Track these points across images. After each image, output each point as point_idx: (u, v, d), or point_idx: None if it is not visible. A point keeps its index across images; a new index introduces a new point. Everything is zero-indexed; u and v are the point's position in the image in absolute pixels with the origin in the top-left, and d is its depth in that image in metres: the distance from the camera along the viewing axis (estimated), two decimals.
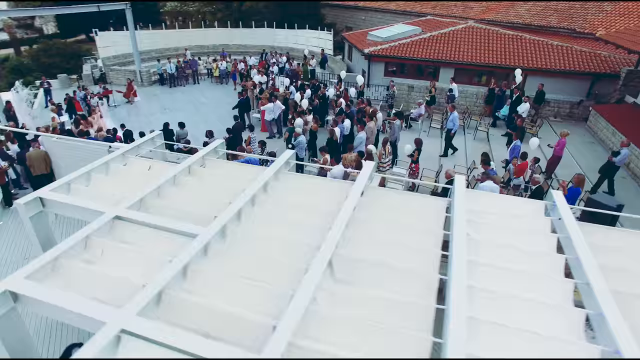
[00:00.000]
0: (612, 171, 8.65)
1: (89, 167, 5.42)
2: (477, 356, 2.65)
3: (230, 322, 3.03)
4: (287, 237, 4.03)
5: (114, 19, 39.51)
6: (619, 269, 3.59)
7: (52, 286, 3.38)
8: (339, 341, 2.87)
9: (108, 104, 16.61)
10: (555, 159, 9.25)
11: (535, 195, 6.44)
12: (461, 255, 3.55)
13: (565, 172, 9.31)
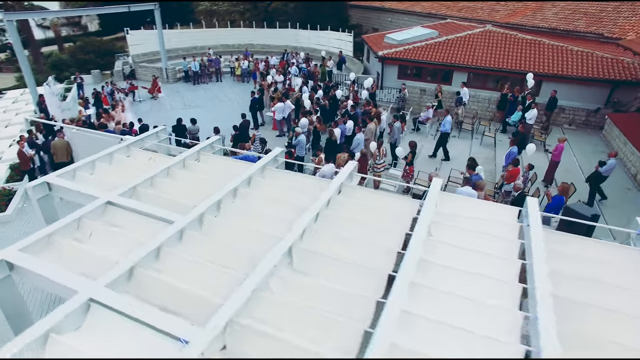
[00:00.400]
0: (599, 181, 8.62)
1: (94, 157, 5.93)
2: (402, 346, 2.84)
3: (187, 299, 3.36)
4: (258, 229, 4.32)
5: (150, 18, 41.40)
6: (573, 276, 3.65)
7: (43, 259, 3.83)
8: (281, 324, 3.13)
9: (133, 99, 17.53)
10: (553, 164, 9.10)
11: (518, 201, 6.42)
12: (414, 254, 3.73)
13: (567, 180, 9.15)
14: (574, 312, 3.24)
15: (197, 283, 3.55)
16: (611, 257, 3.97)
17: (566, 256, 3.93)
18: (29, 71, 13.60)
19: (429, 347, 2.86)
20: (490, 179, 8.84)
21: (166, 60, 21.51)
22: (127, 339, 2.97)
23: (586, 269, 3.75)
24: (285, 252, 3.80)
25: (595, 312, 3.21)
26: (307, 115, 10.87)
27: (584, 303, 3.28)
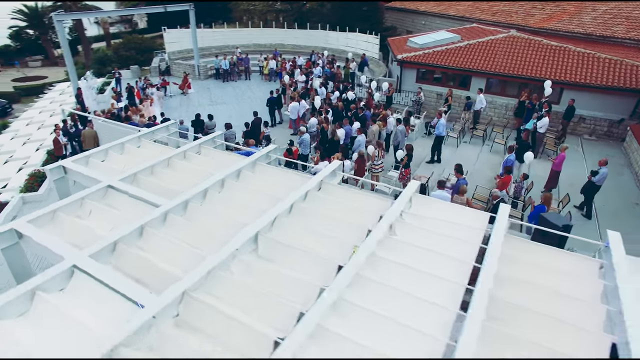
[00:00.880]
0: (593, 190, 8.57)
1: (107, 146, 6.59)
2: (328, 328, 3.11)
3: (158, 274, 3.81)
4: (236, 217, 4.71)
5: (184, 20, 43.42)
6: (523, 281, 3.75)
7: (46, 231, 4.42)
8: (231, 301, 3.49)
9: (165, 94, 18.58)
10: (554, 173, 8.89)
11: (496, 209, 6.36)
12: (367, 249, 3.98)
13: (573, 190, 8.93)
14: (509, 313, 3.37)
15: (170, 260, 3.99)
16: (570, 267, 4.02)
17: (524, 263, 4.02)
18: (72, 66, 14.91)
19: (354, 332, 3.11)
20: (493, 186, 8.78)
21: (199, 57, 22.55)
22: (99, 300, 3.45)
23: (538, 275, 3.84)
24: (251, 238, 4.16)
25: (530, 315, 3.33)
26: (316, 115, 11.21)
27: (522, 306, 3.40)
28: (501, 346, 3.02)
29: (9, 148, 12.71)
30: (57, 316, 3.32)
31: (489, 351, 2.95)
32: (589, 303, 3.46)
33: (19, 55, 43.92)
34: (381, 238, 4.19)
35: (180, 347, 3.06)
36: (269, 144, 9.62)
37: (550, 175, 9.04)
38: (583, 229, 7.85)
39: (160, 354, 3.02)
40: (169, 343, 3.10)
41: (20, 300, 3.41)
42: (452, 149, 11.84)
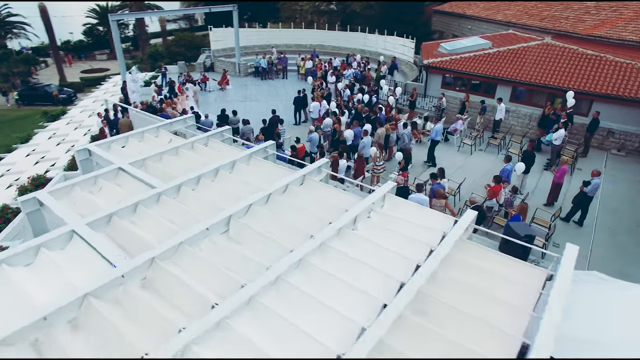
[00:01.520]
0: (585, 201, 8.56)
1: (129, 134, 7.46)
2: (261, 302, 3.54)
3: (138, 243, 4.45)
4: (219, 203, 5.27)
5: (248, 14, 45.63)
6: (459, 282, 3.93)
7: (60, 202, 5.24)
8: (192, 273, 4.03)
9: (204, 89, 19.85)
10: (555, 186, 8.61)
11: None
12: (320, 238, 4.35)
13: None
14: (433, 309, 3.61)
15: (152, 233, 4.63)
16: (515, 275, 4.11)
17: (469, 267, 4.18)
18: (122, 60, 16.48)
19: (285, 310, 3.51)
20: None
21: (239, 56, 23.75)
22: (86, 260, 4.14)
23: (479, 279, 4.00)
24: (223, 220, 4.70)
25: (453, 313, 3.52)
26: (331, 115, 11.59)
27: (448, 304, 3.60)
28: (411, 336, 3.28)
29: (63, 132, 14.39)
30: (53, 269, 4.05)
31: (397, 339, 3.22)
32: (517, 308, 3.60)
33: (90, 50, 48.30)
34: (339, 230, 4.55)
35: (142, 305, 3.64)
36: (278, 140, 10.18)
37: (551, 188, 8.82)
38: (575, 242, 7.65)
39: (123, 307, 3.63)
40: (133, 300, 3.70)
41: (28, 253, 4.19)
42: (466, 156, 11.72)
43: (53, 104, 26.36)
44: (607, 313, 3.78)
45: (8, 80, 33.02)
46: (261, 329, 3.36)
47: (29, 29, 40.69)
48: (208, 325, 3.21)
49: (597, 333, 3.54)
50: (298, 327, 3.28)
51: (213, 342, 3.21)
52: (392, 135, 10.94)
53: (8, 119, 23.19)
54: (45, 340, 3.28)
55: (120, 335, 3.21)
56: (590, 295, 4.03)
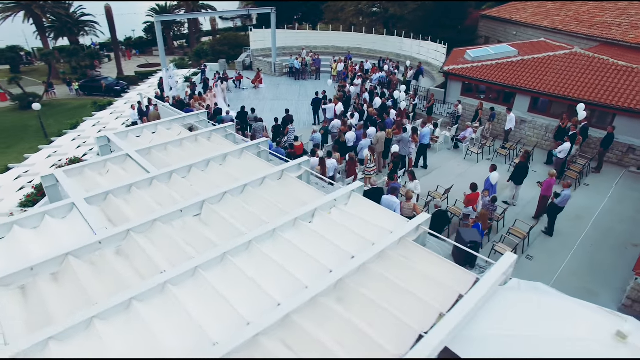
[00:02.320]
0: (555, 212, 8.60)
1: (144, 126, 8.40)
2: (202, 273, 4.12)
3: (124, 218, 5.22)
4: (200, 190, 5.95)
5: (300, 15, 47.07)
6: (384, 277, 4.20)
7: (72, 179, 6.18)
8: (159, 245, 4.71)
9: (238, 87, 20.96)
10: (542, 199, 8.41)
11: (435, 217, 6.45)
12: (274, 226, 4.86)
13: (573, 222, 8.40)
14: (349, 296, 3.96)
15: (138, 212, 5.39)
16: (443, 277, 4.30)
17: (399, 264, 4.43)
18: (163, 57, 18.00)
19: (220, 282, 4.06)
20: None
21: (276, 56, 24.70)
22: (78, 227, 4.97)
23: (404, 276, 4.24)
24: (197, 204, 5.36)
25: (367, 302, 3.86)
26: (341, 117, 11.97)
27: (364, 294, 3.93)
28: (317, 316, 3.68)
29: (106, 121, 16.01)
30: (51, 232, 4.91)
31: (303, 316, 3.64)
32: (429, 305, 3.88)
33: (149, 46, 52.00)
34: (295, 220, 5.03)
35: (109, 267, 4.37)
36: (282, 137, 10.76)
37: (539, 201, 8.67)
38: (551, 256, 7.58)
39: (95, 267, 4.38)
40: (105, 263, 4.43)
41: (35, 218, 5.09)
42: (471, 164, 11.62)
43: (107, 94, 28.92)
44: (526, 317, 3.93)
45: (76, 72, 36.64)
46: (199, 296, 3.94)
47: (98, 27, 44.64)
48: (152, 285, 3.85)
49: (508, 331, 3.73)
50: (226, 299, 3.82)
51: (155, 301, 3.85)
52: (397, 137, 11.06)
53: (68, 107, 25.95)
54: (30, 286, 4.09)
55: (84, 289, 3.93)
56: (520, 302, 4.17)
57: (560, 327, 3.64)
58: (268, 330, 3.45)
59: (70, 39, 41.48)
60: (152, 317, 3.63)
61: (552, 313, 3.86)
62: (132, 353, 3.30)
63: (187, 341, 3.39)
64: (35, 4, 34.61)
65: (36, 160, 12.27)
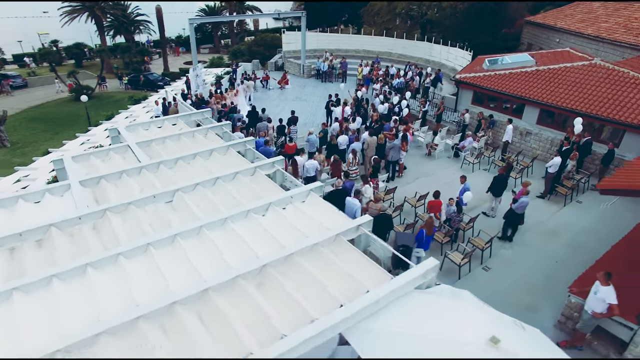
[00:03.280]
0: (513, 218, 8.86)
1: (151, 121, 9.36)
2: (151, 250, 4.81)
3: (109, 199, 6.07)
4: (180, 181, 6.68)
5: (346, 17, 47.95)
6: (305, 269, 4.62)
7: (78, 165, 7.17)
8: (128, 222, 5.48)
9: (265, 87, 21.91)
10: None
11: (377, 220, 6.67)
12: (226, 216, 5.46)
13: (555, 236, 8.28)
14: (269, 282, 4.45)
15: (120, 194, 6.22)
16: (362, 274, 4.61)
17: (327, 260, 4.77)
18: (195, 57, 19.33)
19: (163, 259, 4.73)
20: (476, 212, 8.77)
21: (305, 58, 25.44)
22: (69, 204, 5.88)
23: (326, 270, 4.57)
24: (170, 192, 6.09)
25: (280, 289, 4.32)
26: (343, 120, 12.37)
27: (281, 282, 4.41)
28: (233, 295, 4.21)
29: (137, 114, 17.53)
30: (48, 207, 5.85)
31: (219, 294, 4.18)
32: (334, 297, 4.27)
33: (197, 44, 55.01)
34: (247, 212, 5.61)
35: (81, 238, 5.19)
36: (280, 137, 11.35)
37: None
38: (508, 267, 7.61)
39: (71, 237, 5.22)
40: (79, 235, 5.26)
41: (38, 194, 6.07)
42: (466, 172, 11.53)
43: (152, 89, 31.14)
44: (425, 318, 4.24)
45: (128, 67, 39.75)
46: (145, 269, 4.63)
47: (151, 26, 47.96)
48: (106, 255, 4.59)
49: (402, 328, 4.07)
50: (162, 273, 4.47)
51: (108, 268, 4.58)
52: (390, 144, 11.28)
53: (115, 99, 28.36)
54: (18, 249, 4.98)
55: (58, 255, 4.76)
56: (427, 304, 4.46)
57: (448, 330, 3.93)
58: (186, 301, 4.05)
59: (126, 36, 44.97)
60: (100, 281, 4.35)
61: (449, 316, 4.15)
62: (79, 307, 4.03)
63: (117, 303, 4.08)
64: (97, 5, 37.92)
65: (71, 146, 13.84)
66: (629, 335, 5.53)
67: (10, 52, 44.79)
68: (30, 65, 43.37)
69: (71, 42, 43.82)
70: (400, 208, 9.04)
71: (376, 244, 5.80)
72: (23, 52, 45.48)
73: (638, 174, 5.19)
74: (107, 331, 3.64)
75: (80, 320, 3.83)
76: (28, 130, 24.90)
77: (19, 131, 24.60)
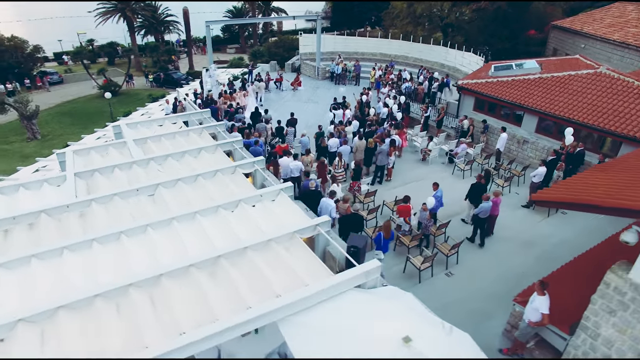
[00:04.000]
0: (477, 222, 9.01)
1: (154, 119, 10.02)
2: (123, 238, 5.35)
3: (101, 192, 6.69)
4: (164, 175, 7.24)
5: (373, 19, 48.24)
6: (253, 262, 5.04)
7: (79, 158, 7.88)
8: (111, 212, 6.06)
9: (279, 88, 22.49)
10: (489, 218, 8.50)
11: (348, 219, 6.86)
12: (196, 209, 5.94)
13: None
14: (218, 272, 4.86)
15: (110, 187, 6.83)
16: (304, 271, 4.96)
17: (277, 255, 5.09)
18: (211, 58, 20.13)
19: (135, 245, 5.26)
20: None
21: (320, 60, 25.86)
22: (65, 193, 6.53)
23: (273, 265, 4.92)
24: (152, 186, 6.65)
25: (224, 277, 4.73)
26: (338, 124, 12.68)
27: (227, 272, 4.86)
28: (181, 283, 4.65)
29: (152, 111, 18.48)
30: (45, 195, 6.54)
31: (168, 280, 4.63)
32: (273, 290, 4.62)
33: (224, 43, 56.60)
34: (216, 208, 6.06)
35: (68, 224, 5.80)
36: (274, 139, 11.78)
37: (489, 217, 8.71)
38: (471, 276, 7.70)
39: (59, 223, 5.84)
40: (66, 222, 5.87)
41: (37, 184, 6.77)
42: (454, 179, 11.55)
43: (175, 87, 32.40)
44: (355, 315, 4.49)
45: (156, 66, 41.49)
46: (114, 254, 5.16)
47: (179, 26, 49.77)
48: (81, 240, 5.16)
49: (330, 323, 4.38)
50: (127, 260, 4.99)
51: (82, 251, 5.14)
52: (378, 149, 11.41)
53: (140, 97, 29.78)
54: (11, 231, 5.65)
55: (44, 237, 5.39)
56: (362, 302, 4.73)
57: (369, 327, 4.18)
58: (141, 284, 4.54)
59: (156, 36, 46.87)
60: (73, 263, 4.91)
61: (376, 315, 4.41)
62: (50, 284, 4.59)
63: (82, 282, 4.62)
64: (128, 6, 39.84)
65: (88, 140, 14.85)
66: (563, 345, 5.62)
67: (52, 50, 47.72)
68: (68, 63, 46.04)
69: (105, 42, 46.24)
70: (376, 210, 9.28)
71: (333, 244, 6.14)
72: (62, 50, 48.30)
73: (576, 186, 5.22)
74: (67, 305, 4.16)
75: (47, 294, 4.39)
76: (58, 124, 26.63)
77: (50, 124, 26.37)
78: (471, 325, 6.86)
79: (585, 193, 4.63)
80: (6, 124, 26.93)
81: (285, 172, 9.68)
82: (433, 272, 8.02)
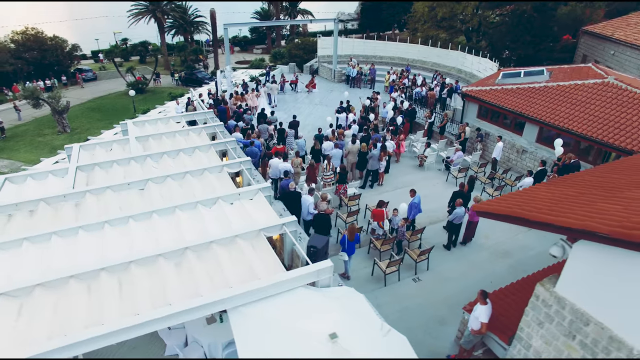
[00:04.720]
0: (451, 228, 9.18)
1: (160, 117, 10.69)
2: (107, 228, 5.91)
3: (96, 182, 7.34)
4: (156, 172, 7.81)
5: (402, 21, 48.22)
6: (220, 256, 5.52)
7: (86, 153, 8.59)
8: (104, 202, 6.67)
9: (294, 90, 22.99)
10: (469, 224, 9.01)
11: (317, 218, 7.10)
12: (176, 204, 6.45)
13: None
14: (183, 262, 5.32)
15: (110, 181, 7.45)
16: (260, 267, 5.37)
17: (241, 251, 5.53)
18: (228, 59, 20.90)
19: (110, 232, 5.82)
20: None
21: (336, 63, 26.16)
22: (66, 184, 7.21)
23: (233, 259, 5.39)
24: (143, 182, 7.22)
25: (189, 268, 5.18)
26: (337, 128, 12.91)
27: (193, 263, 5.32)
28: (149, 272, 5.15)
29: (169, 109, 19.35)
30: (49, 186, 7.24)
31: (138, 268, 5.14)
32: (227, 281, 5.03)
33: (252, 44, 57.96)
34: (195, 204, 6.54)
35: (63, 213, 6.43)
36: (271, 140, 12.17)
37: (466, 226, 8.75)
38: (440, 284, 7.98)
39: (55, 211, 6.49)
40: (62, 210, 6.52)
41: (43, 175, 7.49)
42: (447, 186, 11.52)
43: (199, 86, 33.59)
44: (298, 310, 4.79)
45: (183, 65, 43.09)
46: (96, 242, 5.73)
47: (207, 27, 51.39)
48: (68, 227, 5.75)
49: (273, 315, 4.70)
50: (103, 245, 5.54)
51: (68, 238, 5.74)
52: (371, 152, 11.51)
53: (165, 94, 31.02)
54: (14, 216, 6.35)
55: (40, 222, 6.03)
56: (308, 299, 5.02)
57: (305, 322, 4.49)
58: (112, 269, 5.06)
59: (185, 36, 48.63)
60: (58, 247, 5.50)
61: (316, 311, 4.71)
62: (34, 264, 5.19)
63: (62, 263, 5.19)
64: (158, 8, 41.60)
65: (106, 136, 15.83)
66: (504, 354, 5.71)
67: (90, 48, 50.45)
68: (103, 61, 48.50)
69: (138, 41, 48.43)
70: (357, 214, 9.51)
71: (296, 244, 6.48)
72: (99, 48, 50.94)
73: (517, 199, 5.21)
74: (43, 284, 4.72)
75: (31, 272, 4.98)
76: (87, 118, 28.25)
77: (80, 119, 28.02)
78: (425, 330, 7.04)
79: (520, 206, 4.68)
80: (42, 117, 28.83)
81: (275, 172, 10.11)
82: (400, 277, 8.18)
